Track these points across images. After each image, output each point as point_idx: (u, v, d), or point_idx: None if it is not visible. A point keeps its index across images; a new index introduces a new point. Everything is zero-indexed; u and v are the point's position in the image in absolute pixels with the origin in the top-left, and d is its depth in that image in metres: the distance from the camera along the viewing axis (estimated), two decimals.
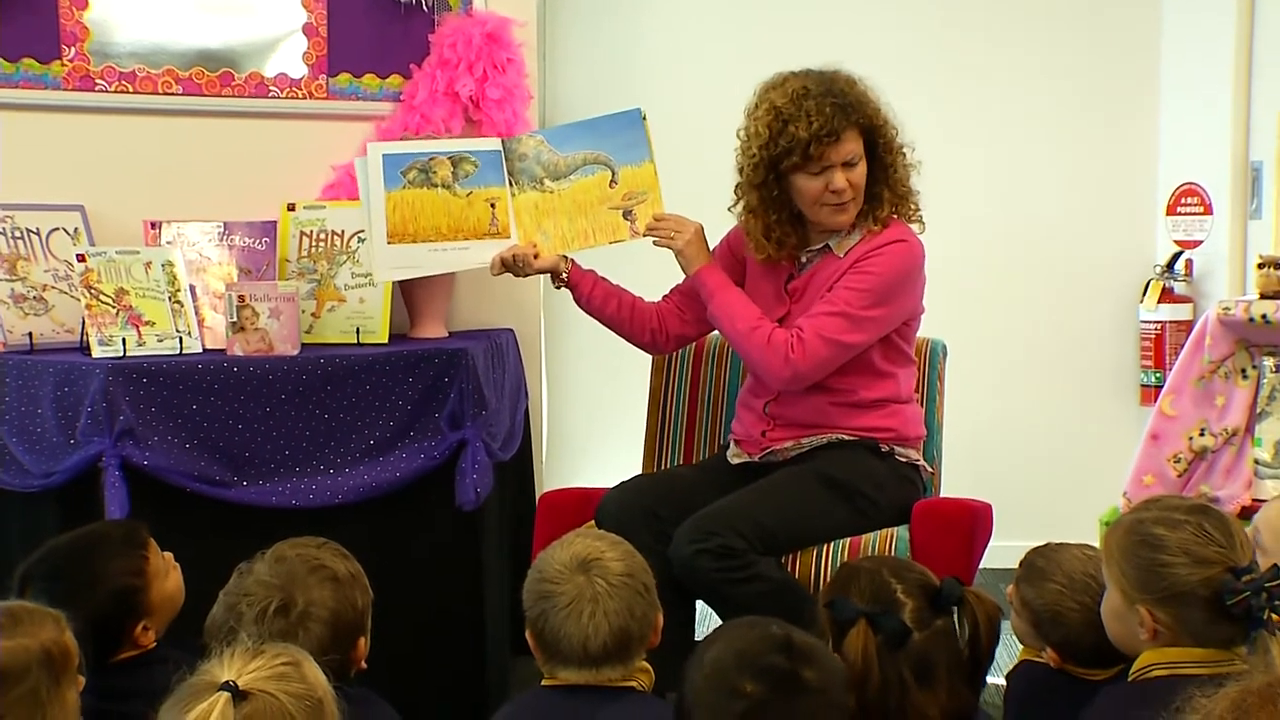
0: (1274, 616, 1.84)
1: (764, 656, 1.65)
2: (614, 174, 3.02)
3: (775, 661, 1.65)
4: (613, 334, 3.12)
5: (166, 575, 2.33)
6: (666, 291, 3.13)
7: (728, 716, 1.62)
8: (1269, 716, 1.31)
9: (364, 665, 2.10)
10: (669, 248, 3.00)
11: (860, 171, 2.87)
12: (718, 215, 3.09)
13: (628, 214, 3.03)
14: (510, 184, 3.05)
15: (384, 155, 3.01)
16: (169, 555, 2.37)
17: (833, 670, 1.69)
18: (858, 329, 2.85)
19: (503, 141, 3.10)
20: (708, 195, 3.09)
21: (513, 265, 3.00)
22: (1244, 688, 1.35)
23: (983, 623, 1.98)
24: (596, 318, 3.09)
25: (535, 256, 3.01)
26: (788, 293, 2.97)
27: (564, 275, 3.04)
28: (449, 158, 3.04)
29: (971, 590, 2.00)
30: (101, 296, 3.05)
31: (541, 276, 3.27)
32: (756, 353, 2.89)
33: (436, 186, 3.02)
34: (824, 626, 1.97)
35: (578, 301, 3.08)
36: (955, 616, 2.01)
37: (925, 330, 3.10)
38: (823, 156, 2.82)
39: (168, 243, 3.27)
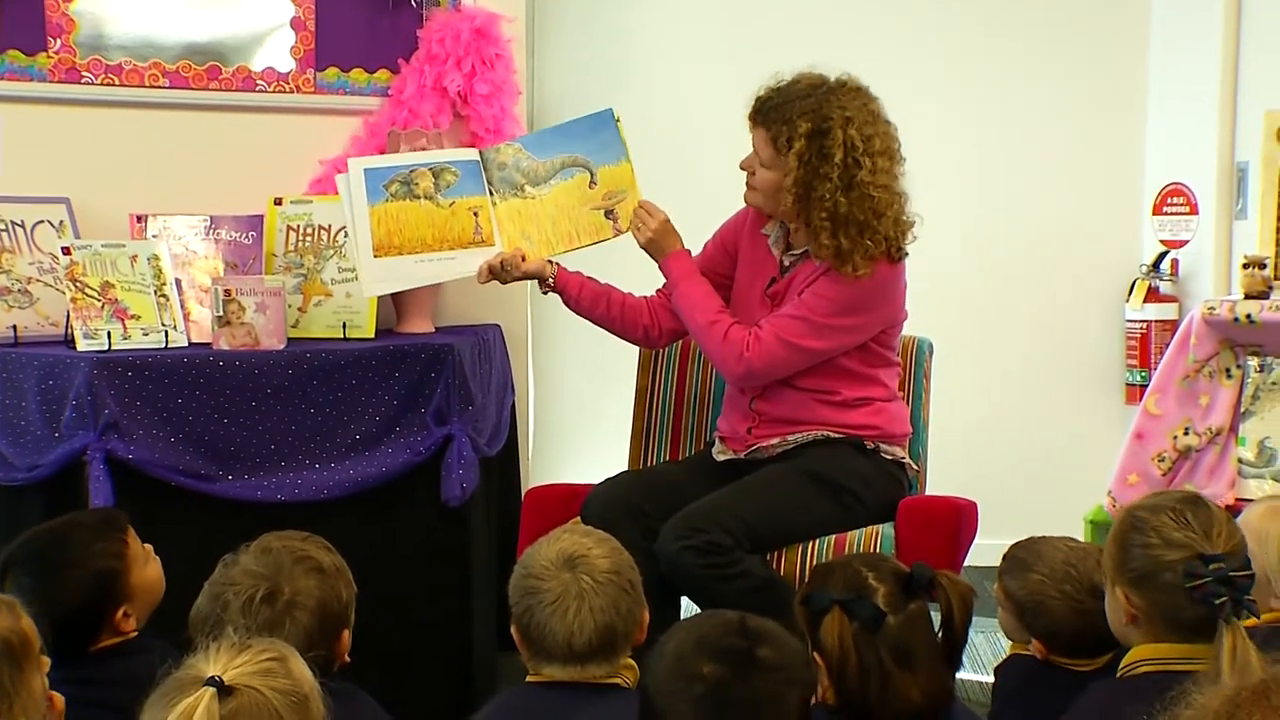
0: (1250, 618, 1.85)
1: (720, 639, 1.67)
2: (593, 175, 3.01)
3: (731, 643, 1.66)
4: (600, 331, 3.11)
5: (146, 562, 2.33)
6: (659, 286, 3.12)
7: (688, 700, 1.62)
8: (1263, 714, 1.31)
9: (348, 660, 2.09)
10: (635, 238, 3.00)
11: (766, 177, 2.86)
12: (703, 211, 3.09)
13: (609, 213, 3.03)
14: (491, 193, 3.04)
15: (365, 170, 2.98)
16: (149, 546, 2.36)
17: (790, 648, 1.70)
18: (818, 336, 2.84)
19: (480, 152, 3.08)
20: (695, 190, 3.10)
21: (499, 272, 2.98)
22: (1239, 686, 1.35)
23: (956, 604, 1.99)
24: (587, 318, 3.08)
25: (523, 260, 2.99)
26: (768, 297, 2.97)
27: (550, 280, 3.02)
28: (430, 169, 3.02)
29: (943, 573, 2.02)
30: (87, 290, 3.04)
31: None
32: (712, 345, 2.89)
33: (419, 198, 2.99)
34: (801, 623, 1.98)
35: (567, 304, 3.06)
36: (930, 601, 2.03)
37: (911, 328, 3.10)
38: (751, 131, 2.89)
39: (153, 236, 3.26)
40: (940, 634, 2.00)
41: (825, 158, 2.77)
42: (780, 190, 2.83)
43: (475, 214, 3.01)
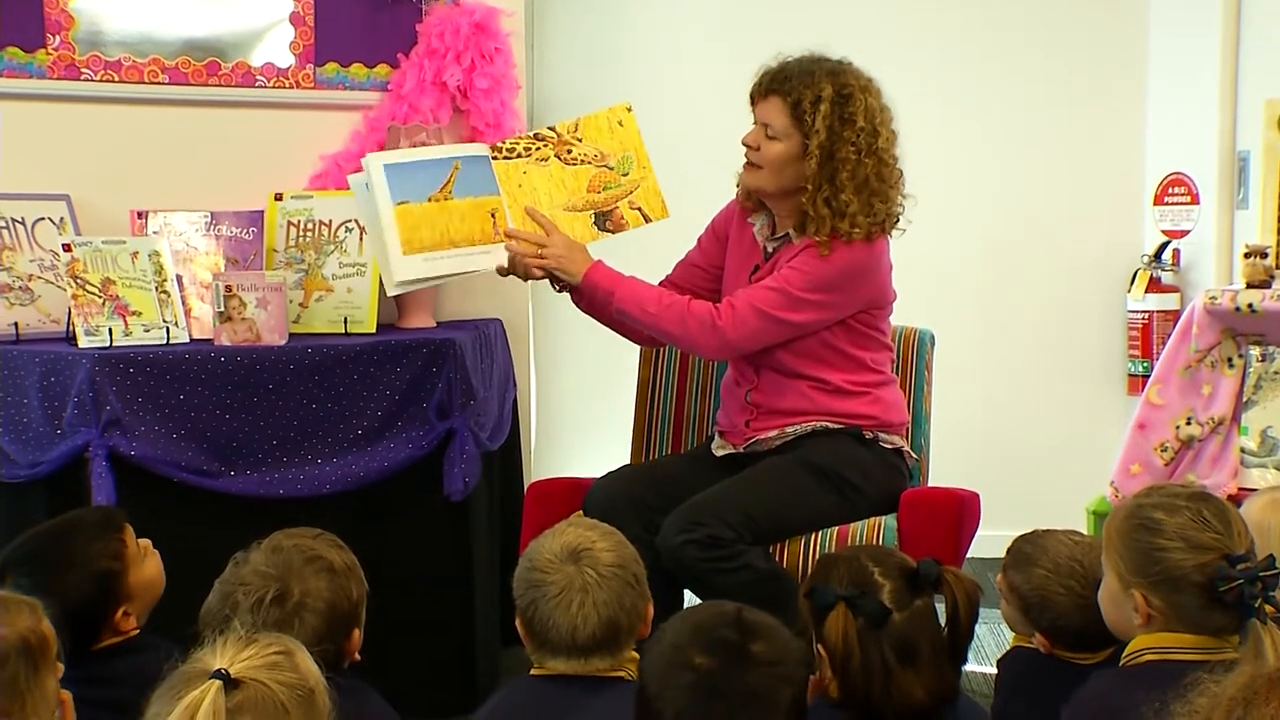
0: (1268, 608, 1.85)
1: (715, 631, 1.67)
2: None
3: (725, 635, 1.67)
4: (601, 325, 3.10)
5: (144, 560, 2.33)
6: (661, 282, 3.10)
7: (677, 689, 1.63)
8: (1279, 701, 1.31)
9: (358, 657, 2.09)
10: (540, 268, 2.88)
11: (775, 150, 2.84)
12: (705, 202, 3.09)
13: (606, 215, 2.99)
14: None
15: (385, 165, 2.86)
16: (146, 542, 2.36)
17: (785, 645, 1.70)
18: (794, 308, 2.82)
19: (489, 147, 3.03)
20: (697, 181, 3.08)
21: (516, 268, 2.93)
22: (1254, 674, 1.35)
23: (962, 601, 1.99)
24: (596, 319, 3.05)
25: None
26: (751, 284, 2.96)
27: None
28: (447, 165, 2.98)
29: (949, 569, 2.01)
30: (88, 286, 3.04)
31: None
32: (676, 326, 2.84)
33: (440, 197, 2.94)
34: (805, 616, 1.98)
35: (576, 304, 3.01)
36: (935, 597, 2.02)
37: (912, 319, 3.10)
38: (754, 107, 2.88)
39: (154, 232, 3.26)
40: (946, 631, 2.00)
41: (848, 122, 2.80)
42: (790, 161, 2.83)
43: (493, 214, 2.95)
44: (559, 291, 3.01)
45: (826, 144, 2.79)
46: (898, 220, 2.89)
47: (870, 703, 1.91)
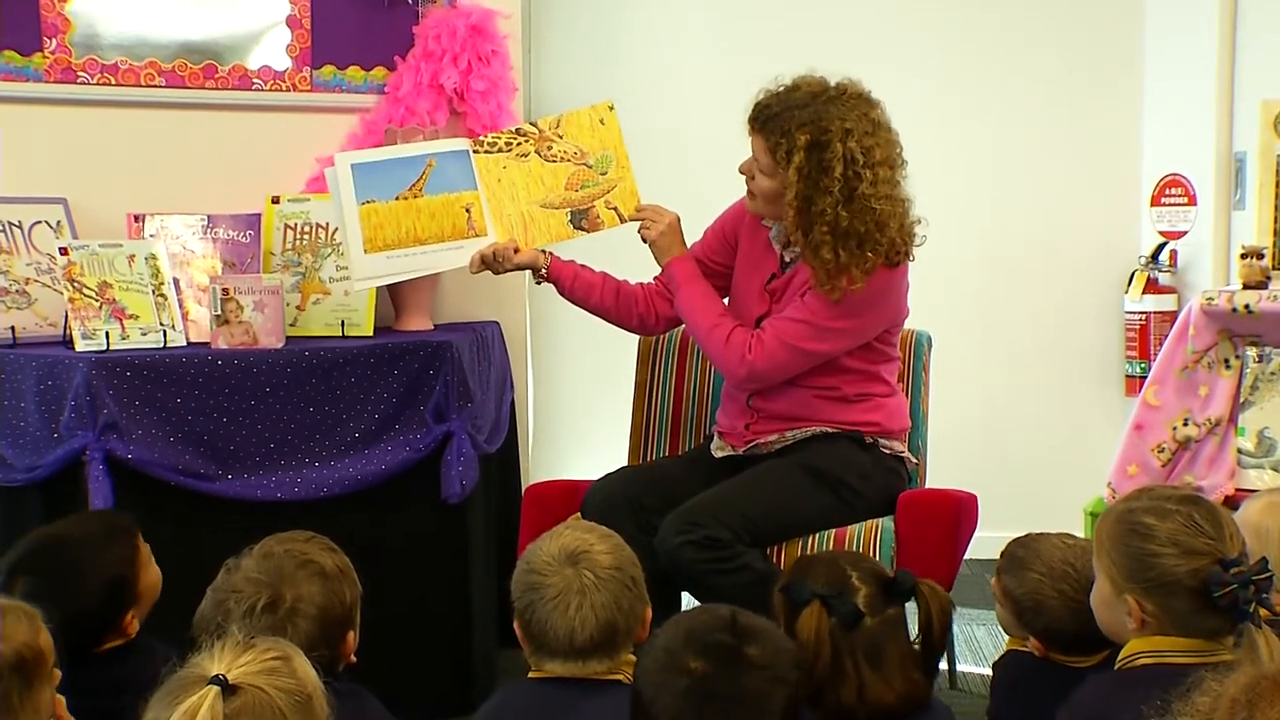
0: (1262, 611, 1.85)
1: (709, 635, 1.69)
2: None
3: (720, 639, 1.68)
4: (599, 324, 3.11)
5: (149, 563, 2.34)
6: (657, 274, 3.09)
7: (673, 694, 1.64)
8: None
9: (353, 659, 2.09)
10: (643, 237, 3.00)
11: (764, 185, 2.83)
12: (700, 205, 3.09)
13: (582, 214, 3.01)
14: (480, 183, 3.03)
15: (353, 165, 2.97)
16: (146, 546, 2.36)
17: (779, 648, 1.71)
18: (820, 339, 2.83)
19: (470, 142, 3.07)
20: (692, 184, 3.08)
21: (491, 262, 2.98)
22: (1258, 674, 1.34)
23: (936, 614, 2.03)
24: (582, 307, 3.08)
25: (515, 252, 2.99)
26: (768, 292, 2.96)
27: (543, 270, 3.01)
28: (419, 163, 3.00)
29: (925, 582, 2.04)
30: (84, 290, 3.04)
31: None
32: (715, 349, 2.89)
33: (409, 195, 2.98)
34: (778, 610, 2.00)
35: (561, 294, 3.06)
36: (908, 609, 2.06)
37: (910, 321, 3.09)
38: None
39: (151, 236, 3.26)
40: (920, 641, 2.02)
41: (825, 171, 2.72)
42: (780, 197, 2.81)
43: (468, 209, 3.01)
44: (539, 284, 3.07)
45: (804, 193, 2.74)
46: (911, 239, 2.84)
47: (840, 703, 1.93)
